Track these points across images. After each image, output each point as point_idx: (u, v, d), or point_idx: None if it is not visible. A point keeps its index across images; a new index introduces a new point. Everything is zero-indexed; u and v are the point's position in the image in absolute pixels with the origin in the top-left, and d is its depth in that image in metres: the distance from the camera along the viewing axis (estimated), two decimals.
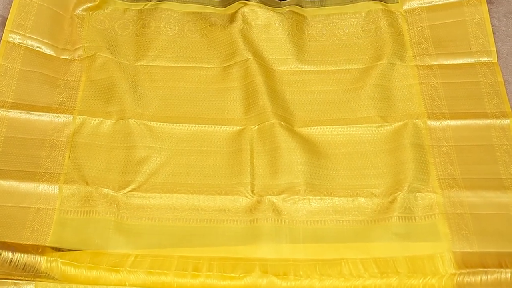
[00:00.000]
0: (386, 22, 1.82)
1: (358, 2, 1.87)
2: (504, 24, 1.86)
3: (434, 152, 1.62)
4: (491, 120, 1.65)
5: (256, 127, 1.66)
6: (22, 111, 1.64)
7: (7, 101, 1.65)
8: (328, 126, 1.67)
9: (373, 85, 1.72)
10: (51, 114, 1.65)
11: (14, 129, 1.63)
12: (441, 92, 1.70)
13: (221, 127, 1.67)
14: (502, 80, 1.72)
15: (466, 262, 1.47)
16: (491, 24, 1.82)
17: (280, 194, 1.58)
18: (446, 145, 1.63)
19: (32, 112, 1.64)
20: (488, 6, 1.83)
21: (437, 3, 1.84)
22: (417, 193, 1.56)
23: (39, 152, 1.61)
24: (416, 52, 1.78)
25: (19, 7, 1.76)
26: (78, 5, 1.82)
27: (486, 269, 1.45)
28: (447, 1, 1.84)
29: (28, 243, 1.49)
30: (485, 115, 1.66)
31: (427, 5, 1.85)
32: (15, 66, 1.69)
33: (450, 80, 1.72)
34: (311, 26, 1.84)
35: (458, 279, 1.45)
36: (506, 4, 1.90)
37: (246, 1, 1.83)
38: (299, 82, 1.75)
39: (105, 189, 1.57)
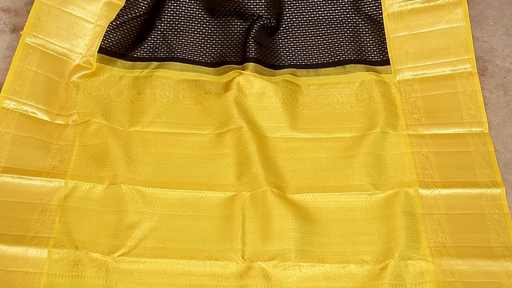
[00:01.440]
0: (379, 92, 1.84)
1: (352, 73, 1.90)
2: (496, 95, 1.89)
3: (426, 220, 1.61)
4: (482, 190, 1.65)
5: (248, 193, 1.65)
6: (14, 175, 1.64)
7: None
8: (321, 193, 1.67)
9: (365, 153, 1.72)
10: (43, 178, 1.65)
11: (5, 193, 1.63)
12: (433, 161, 1.70)
13: (213, 193, 1.67)
14: (493, 150, 1.72)
15: None
16: (483, 95, 1.84)
17: (270, 260, 1.56)
18: (437, 213, 1.62)
19: (24, 177, 1.64)
20: (479, 79, 1.86)
21: (429, 75, 1.87)
22: (408, 261, 1.55)
23: (29, 216, 1.61)
24: (409, 122, 1.79)
25: (15, 74, 1.78)
26: (74, 72, 1.84)
27: None
28: (440, 73, 1.87)
29: None
30: (476, 184, 1.66)
31: (420, 76, 1.87)
32: (8, 131, 1.70)
33: (442, 150, 1.73)
34: (305, 95, 1.86)
35: None
36: (497, 77, 1.93)
37: (241, 71, 1.85)
38: (292, 149, 1.75)
39: (95, 254, 1.56)
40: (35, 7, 1.87)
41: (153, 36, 1.95)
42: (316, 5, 1.98)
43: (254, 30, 1.92)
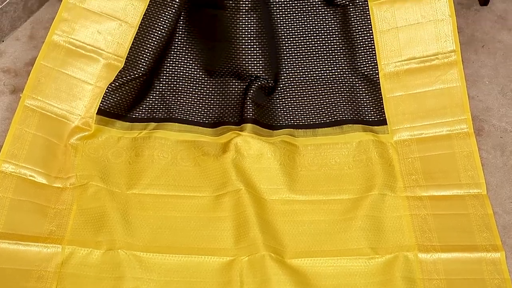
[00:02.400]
0: (377, 153, 1.85)
1: (349, 133, 1.91)
2: (493, 156, 1.89)
3: (425, 286, 1.60)
4: (482, 254, 1.64)
5: (247, 258, 1.64)
6: (10, 241, 1.63)
7: None
8: (319, 258, 1.66)
9: (364, 216, 1.72)
10: (40, 244, 1.64)
11: (1, 259, 1.61)
12: (431, 224, 1.70)
13: (211, 258, 1.65)
14: (492, 212, 1.72)
15: None
16: (480, 156, 1.84)
17: None
18: (437, 279, 1.61)
19: (21, 242, 1.63)
20: (476, 139, 1.87)
21: (426, 135, 1.88)
22: None
23: (26, 284, 1.59)
24: (407, 183, 1.79)
25: (14, 137, 1.79)
26: (73, 134, 1.85)
27: None
28: (437, 134, 1.88)
29: None
30: (475, 248, 1.65)
31: (417, 137, 1.88)
32: (6, 196, 1.70)
33: (440, 212, 1.72)
34: (303, 155, 1.87)
35: None
36: (494, 137, 1.94)
37: (239, 132, 1.86)
38: (290, 212, 1.75)
39: None
40: (35, 70, 1.88)
41: (151, 97, 1.97)
42: (313, 66, 2.00)
43: (252, 91, 1.93)
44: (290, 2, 2.02)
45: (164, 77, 1.99)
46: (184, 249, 1.67)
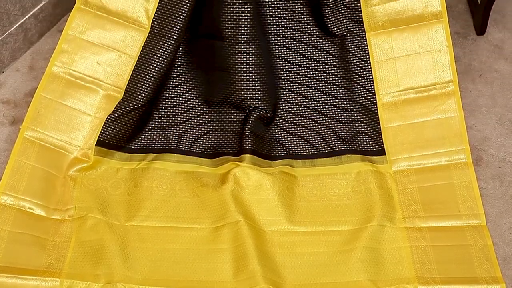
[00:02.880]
0: (375, 183, 1.85)
1: (348, 163, 1.91)
2: (492, 186, 1.90)
3: None
4: (482, 286, 1.63)
5: None
6: (9, 275, 1.62)
7: None
8: None
9: (363, 247, 1.71)
10: (38, 277, 1.63)
11: None
12: (431, 256, 1.70)
13: None
14: (492, 244, 1.72)
15: None
16: (479, 186, 1.84)
17: None
18: None
19: (19, 276, 1.62)
20: (475, 169, 1.87)
21: (425, 166, 1.88)
22: None
23: None
24: (406, 214, 1.79)
25: (13, 169, 1.79)
26: (72, 165, 1.85)
27: None
28: (435, 164, 1.88)
29: None
30: (476, 281, 1.64)
31: (415, 167, 1.88)
32: (5, 228, 1.69)
33: (440, 243, 1.72)
34: (302, 186, 1.87)
35: None
36: (492, 167, 1.94)
37: (238, 162, 1.86)
38: (289, 244, 1.75)
39: None
40: (35, 101, 1.89)
41: (150, 127, 1.97)
42: (311, 96, 2.01)
43: (250, 121, 1.94)
44: (289, 33, 2.03)
45: (163, 108, 2.00)
46: (183, 282, 1.66)
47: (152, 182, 1.86)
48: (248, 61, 1.94)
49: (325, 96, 2.01)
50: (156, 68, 1.95)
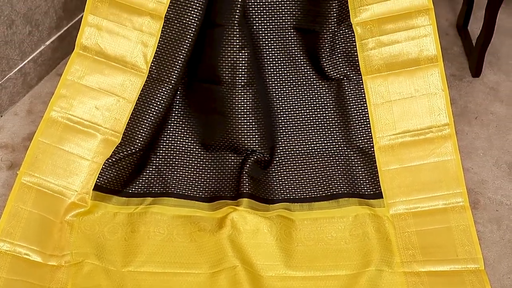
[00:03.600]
0: (373, 227, 1.85)
1: (345, 207, 1.91)
2: (489, 230, 1.89)
3: None
4: None
5: None
6: None
7: None
8: None
9: None
10: None
11: None
12: None
13: None
14: None
15: None
16: (476, 230, 1.84)
17: None
18: None
19: None
20: (472, 212, 1.87)
21: (422, 209, 1.88)
22: None
23: None
24: (404, 258, 1.78)
25: (10, 215, 1.78)
26: (69, 210, 1.85)
27: None
28: (432, 208, 1.88)
29: None
30: None
31: (413, 210, 1.88)
32: (0, 275, 1.68)
33: None
34: (299, 230, 1.86)
35: None
36: (490, 210, 1.94)
37: (235, 207, 1.86)
38: None
39: None
40: (33, 146, 1.90)
41: (148, 171, 1.97)
42: (308, 139, 2.02)
43: (248, 165, 1.94)
44: (286, 76, 2.05)
45: (161, 151, 2.00)
46: None
47: (150, 227, 1.85)
48: (245, 105, 1.96)
49: (322, 139, 2.02)
50: (154, 112, 1.96)
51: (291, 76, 2.05)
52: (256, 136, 1.97)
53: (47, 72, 2.35)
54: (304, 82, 2.05)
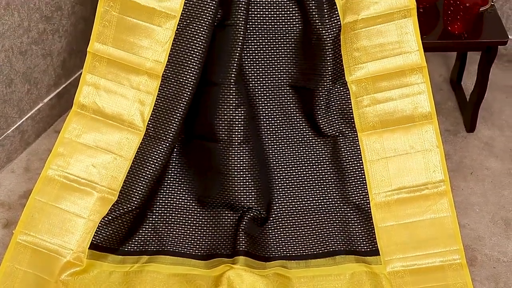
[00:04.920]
0: (370, 284, 1.84)
1: (342, 264, 1.90)
2: (487, 287, 1.88)
3: None
4: None
5: None
6: None
7: None
8: None
9: None
10: None
11: None
12: None
13: None
14: None
15: None
16: (474, 287, 1.83)
17: None
18: None
19: None
20: (469, 269, 1.86)
21: (419, 267, 1.87)
22: None
23: None
24: None
25: (5, 275, 1.77)
26: (64, 270, 1.84)
27: None
28: (430, 265, 1.88)
29: None
30: None
31: (410, 268, 1.88)
32: None
33: None
34: None
35: None
36: (487, 267, 1.94)
37: (231, 265, 1.85)
38: None
39: None
40: (29, 205, 1.90)
41: (144, 229, 1.97)
42: (304, 196, 2.03)
43: (244, 222, 1.94)
44: (281, 134, 2.07)
45: (157, 209, 2.00)
46: None
47: (145, 286, 1.84)
48: (241, 163, 1.97)
49: (318, 196, 2.02)
50: (151, 170, 1.96)
51: (287, 133, 2.07)
52: (253, 193, 1.97)
53: (45, 129, 2.36)
54: (300, 139, 2.07)
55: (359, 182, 2.01)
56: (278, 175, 2.05)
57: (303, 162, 2.06)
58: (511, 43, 2.53)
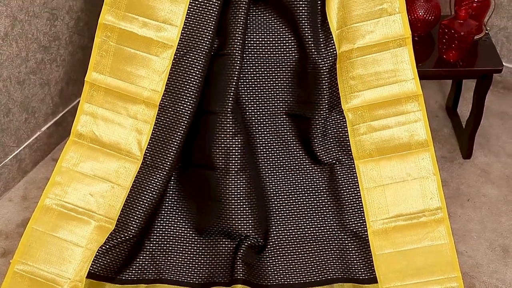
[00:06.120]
0: None
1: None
2: None
3: None
4: None
5: None
6: None
7: None
8: None
9: None
10: None
11: None
12: None
13: None
14: None
15: None
16: None
17: None
18: None
19: None
20: None
21: None
22: None
23: None
24: None
25: None
26: None
27: None
28: None
29: None
30: None
31: None
32: None
33: None
34: None
35: None
36: None
37: None
38: None
39: None
40: (26, 235, 1.90)
41: (141, 257, 1.97)
42: (302, 223, 2.03)
43: (241, 250, 1.94)
44: (279, 162, 2.07)
45: (155, 237, 2.00)
46: None
47: None
48: (239, 191, 1.97)
49: (315, 224, 2.03)
50: (148, 199, 1.96)
51: (284, 161, 2.08)
52: (250, 221, 1.97)
53: (42, 157, 2.37)
54: (297, 167, 2.08)
55: (356, 210, 2.01)
56: (275, 202, 2.05)
57: (300, 190, 2.06)
58: (506, 70, 2.55)
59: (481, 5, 2.27)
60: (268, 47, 2.04)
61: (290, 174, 2.07)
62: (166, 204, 2.04)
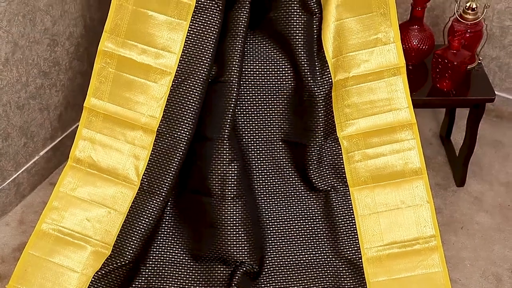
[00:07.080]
0: None
1: None
2: None
3: None
4: None
5: None
6: None
7: None
8: None
9: None
10: None
11: None
12: None
13: None
14: None
15: None
16: None
17: None
18: None
19: None
20: None
21: None
22: None
23: None
24: None
25: None
26: None
27: None
28: None
29: None
30: None
31: None
32: None
33: None
34: None
35: None
36: None
37: None
38: None
39: None
40: (23, 259, 1.90)
41: (137, 283, 1.98)
42: (296, 250, 2.04)
43: (237, 277, 1.95)
44: (274, 188, 2.09)
45: (150, 263, 2.01)
46: None
47: None
48: (234, 217, 1.98)
49: (310, 250, 2.04)
50: (145, 224, 1.98)
51: (279, 188, 2.09)
52: (245, 247, 1.98)
53: (40, 181, 2.38)
54: (292, 194, 2.09)
55: (351, 237, 2.02)
56: (271, 229, 2.06)
57: (295, 216, 2.08)
58: (499, 99, 2.58)
59: (473, 35, 2.30)
60: (265, 75, 2.07)
61: (286, 201, 2.09)
62: (162, 230, 2.05)
